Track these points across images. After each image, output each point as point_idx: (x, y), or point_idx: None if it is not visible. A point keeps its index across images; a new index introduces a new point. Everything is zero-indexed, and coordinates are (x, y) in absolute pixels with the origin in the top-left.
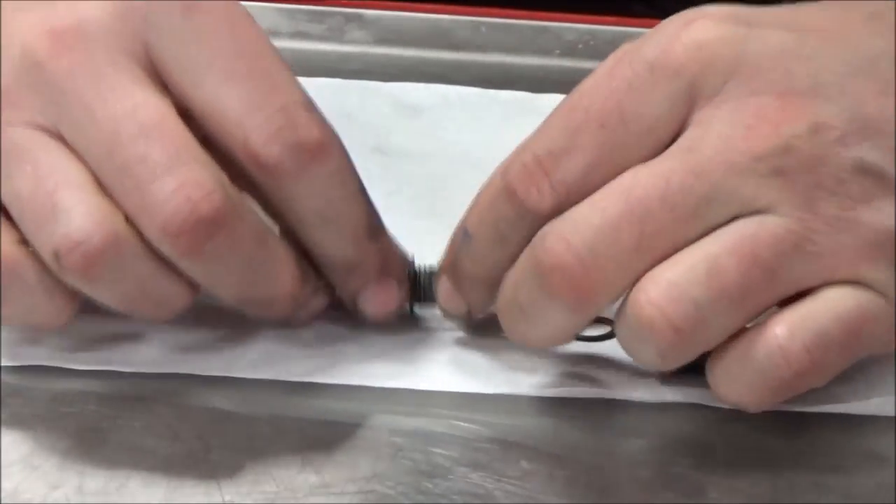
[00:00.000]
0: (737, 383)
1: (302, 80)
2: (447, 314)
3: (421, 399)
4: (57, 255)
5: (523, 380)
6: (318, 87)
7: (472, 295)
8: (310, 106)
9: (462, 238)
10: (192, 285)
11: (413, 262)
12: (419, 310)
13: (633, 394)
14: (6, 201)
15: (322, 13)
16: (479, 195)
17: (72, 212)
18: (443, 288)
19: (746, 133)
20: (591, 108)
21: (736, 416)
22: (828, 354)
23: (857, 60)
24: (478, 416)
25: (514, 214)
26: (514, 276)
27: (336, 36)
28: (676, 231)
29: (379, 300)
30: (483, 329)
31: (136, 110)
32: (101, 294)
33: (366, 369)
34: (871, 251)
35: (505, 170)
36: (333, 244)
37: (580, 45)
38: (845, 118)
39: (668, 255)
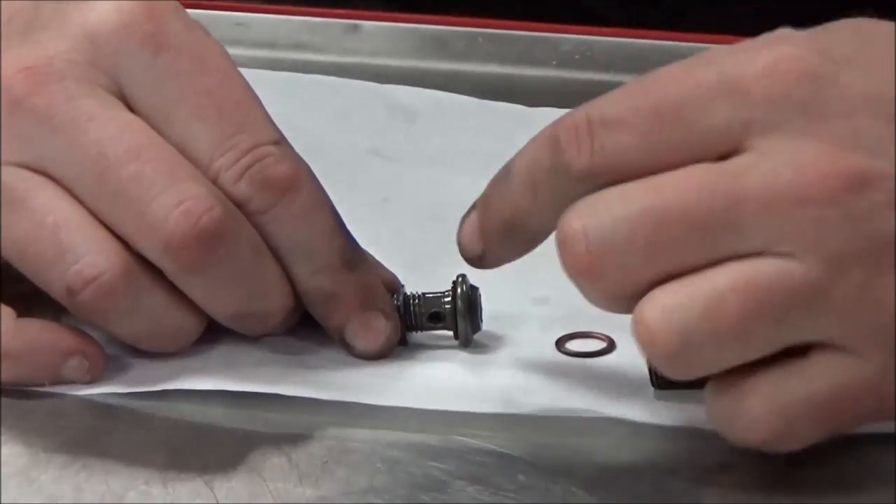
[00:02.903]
0: (720, 420)
1: (299, 76)
2: (462, 252)
3: (418, 413)
4: (70, 293)
5: (518, 399)
6: (314, 84)
7: (491, 237)
8: (280, 142)
9: (503, 173)
10: (202, 315)
11: (403, 291)
12: (412, 337)
13: (629, 413)
14: (2, 248)
15: (320, 24)
16: (533, 138)
17: (78, 249)
18: (468, 222)
19: (796, 176)
20: (656, 95)
21: None
22: (796, 430)
23: None
24: (474, 430)
25: (550, 164)
26: None
27: (334, 47)
28: (690, 249)
29: (365, 335)
30: (479, 347)
31: (122, 133)
32: (115, 327)
33: (359, 387)
34: (885, 327)
35: (560, 119)
36: (309, 276)
37: (577, 56)
38: None
39: (677, 271)
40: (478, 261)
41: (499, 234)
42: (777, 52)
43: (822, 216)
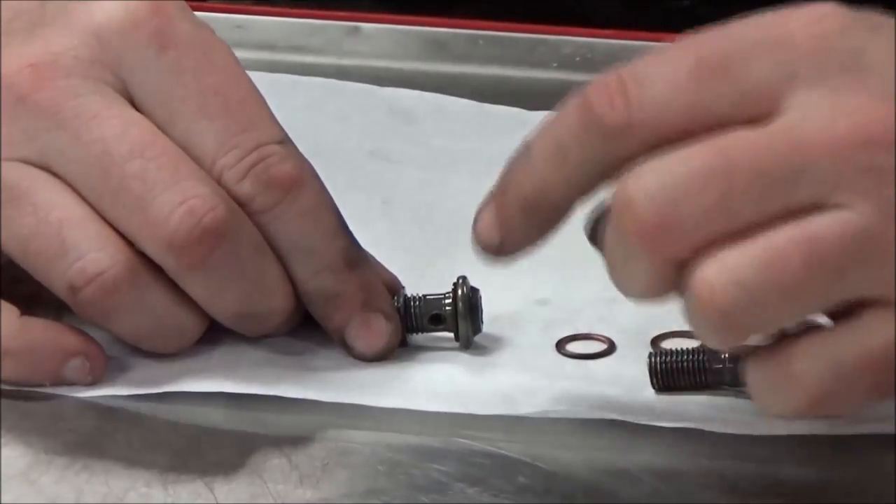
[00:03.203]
0: (762, 389)
1: (299, 78)
2: (478, 246)
3: (418, 415)
4: (73, 290)
5: (519, 401)
6: (315, 87)
7: (510, 220)
8: (284, 142)
9: (520, 151)
10: (204, 315)
11: (403, 293)
12: (412, 338)
13: (629, 415)
14: (3, 242)
15: (320, 26)
16: (548, 115)
17: (82, 246)
18: (484, 213)
19: (851, 121)
20: (698, 51)
21: (733, 436)
22: (846, 390)
23: None
24: (475, 432)
25: (581, 126)
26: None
27: (333, 49)
28: (761, 200)
29: (365, 336)
30: (480, 349)
31: (126, 130)
32: (117, 326)
33: (360, 388)
34: None
35: (583, 88)
36: (310, 276)
37: (577, 59)
38: None
39: (741, 227)
40: (495, 250)
41: (518, 214)
42: (819, 9)
43: (876, 163)
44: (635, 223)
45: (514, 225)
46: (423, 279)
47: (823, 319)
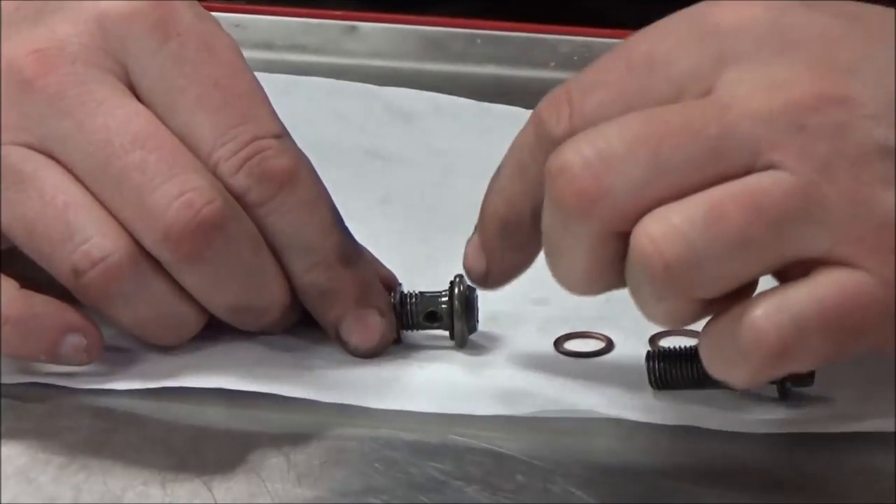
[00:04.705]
0: (720, 358)
1: (297, 78)
2: (469, 274)
3: (416, 414)
4: (76, 273)
5: (517, 400)
6: (313, 87)
7: (491, 245)
8: (282, 136)
9: (493, 176)
10: (204, 309)
11: (400, 289)
12: (408, 337)
13: (627, 412)
14: (3, 224)
15: (317, 25)
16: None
17: (86, 229)
18: (470, 244)
19: (775, 89)
20: (627, 51)
21: (732, 434)
22: (804, 340)
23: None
24: (473, 431)
25: (534, 139)
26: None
27: (331, 48)
28: (692, 162)
29: (360, 331)
30: (476, 349)
31: (129, 120)
32: (118, 313)
33: (358, 388)
34: (880, 233)
35: (540, 101)
36: (304, 272)
37: (575, 58)
38: (880, 102)
39: (678, 191)
40: (484, 279)
41: (497, 238)
42: None
43: (807, 123)
44: (573, 189)
45: (496, 249)
46: (421, 276)
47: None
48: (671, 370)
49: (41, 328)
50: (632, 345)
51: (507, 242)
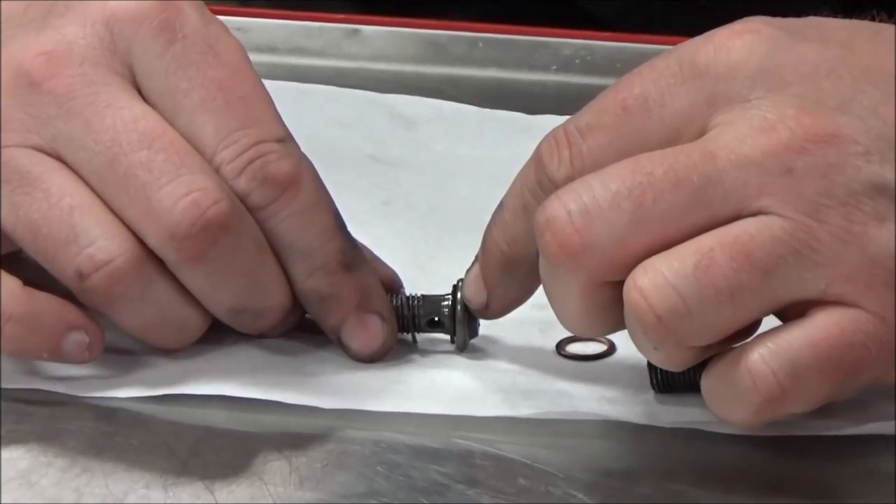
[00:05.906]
0: (721, 401)
1: (301, 86)
2: (469, 304)
3: (417, 416)
4: (80, 276)
5: (518, 402)
6: (315, 94)
7: (492, 278)
8: (285, 140)
9: (497, 209)
10: (206, 313)
11: (402, 292)
12: (407, 338)
13: (629, 415)
14: (8, 225)
15: (319, 29)
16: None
17: (91, 232)
18: (471, 274)
19: (762, 133)
20: (623, 92)
21: (733, 436)
22: (802, 382)
23: (889, 86)
24: (474, 433)
25: (535, 181)
26: None
27: (333, 51)
28: (676, 212)
29: (361, 336)
30: (480, 351)
31: (136, 121)
32: (121, 316)
33: (359, 393)
34: (872, 270)
35: (542, 139)
36: (305, 276)
37: (577, 61)
38: (872, 136)
39: (665, 241)
40: (484, 310)
41: (498, 272)
42: (730, 28)
43: (794, 166)
44: (557, 243)
45: (497, 283)
46: (424, 278)
47: None
48: (673, 373)
49: (43, 326)
50: (633, 348)
51: (507, 277)
